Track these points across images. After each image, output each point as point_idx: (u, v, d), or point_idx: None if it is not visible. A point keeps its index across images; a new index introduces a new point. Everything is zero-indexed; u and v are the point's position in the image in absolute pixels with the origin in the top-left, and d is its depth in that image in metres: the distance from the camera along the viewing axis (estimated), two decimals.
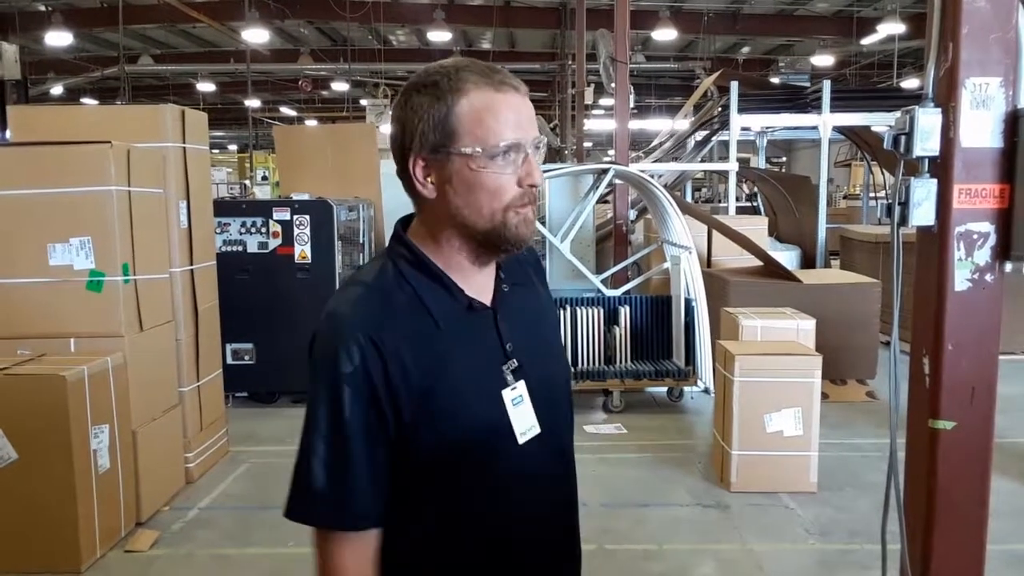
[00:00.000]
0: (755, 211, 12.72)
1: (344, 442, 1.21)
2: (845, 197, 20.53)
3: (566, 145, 19.43)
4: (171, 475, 4.92)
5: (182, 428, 5.06)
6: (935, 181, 2.11)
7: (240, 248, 6.69)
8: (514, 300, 1.35)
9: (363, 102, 24.11)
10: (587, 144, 18.76)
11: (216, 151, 34.00)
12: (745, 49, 24.06)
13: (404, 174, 1.30)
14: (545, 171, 9.25)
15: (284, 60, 22.15)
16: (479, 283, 1.32)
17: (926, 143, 2.10)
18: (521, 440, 1.28)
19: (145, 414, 4.57)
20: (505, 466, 1.28)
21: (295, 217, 6.69)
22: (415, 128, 1.24)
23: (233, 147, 35.97)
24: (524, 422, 1.29)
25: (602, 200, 9.44)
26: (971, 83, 2.05)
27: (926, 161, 2.13)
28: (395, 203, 9.24)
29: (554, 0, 18.71)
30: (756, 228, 8.65)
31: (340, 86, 23.73)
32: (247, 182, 22.66)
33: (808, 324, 5.71)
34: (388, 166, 9.59)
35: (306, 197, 6.91)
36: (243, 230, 6.70)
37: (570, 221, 7.42)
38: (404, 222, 1.36)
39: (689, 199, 15.43)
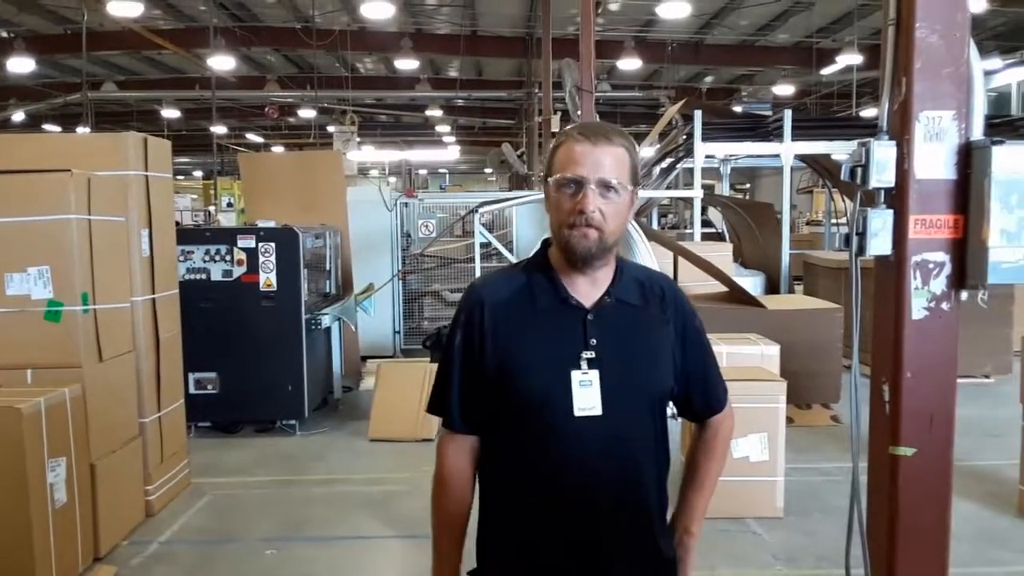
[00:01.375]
0: (720, 237, 12.87)
1: (449, 366, 1.76)
2: (808, 223, 20.86)
3: (533, 172, 19.57)
4: (131, 508, 4.82)
5: (142, 460, 4.96)
6: (891, 212, 2.16)
7: (204, 276, 6.62)
8: (616, 312, 1.72)
9: (330, 129, 24.10)
10: None
11: (181, 177, 33.70)
12: (708, 78, 24.47)
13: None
14: (511, 198, 9.32)
15: (250, 87, 22.09)
16: (584, 290, 1.72)
17: (882, 175, 2.15)
18: (577, 412, 1.65)
19: (104, 446, 4.48)
20: (557, 428, 1.66)
21: (260, 245, 6.64)
22: (547, 164, 1.75)
23: (198, 173, 35.70)
24: (586, 401, 1.65)
25: None
26: (925, 116, 2.10)
27: (882, 192, 2.18)
28: (363, 230, 9.25)
29: (520, 30, 18.91)
30: (721, 254, 8.75)
31: (307, 113, 23.73)
32: (212, 209, 22.46)
33: (772, 350, 5.76)
34: (355, 193, 9.64)
35: (272, 224, 6.86)
36: (207, 258, 6.63)
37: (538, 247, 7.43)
38: (547, 241, 1.80)
39: (655, 226, 15.58)
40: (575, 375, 1.66)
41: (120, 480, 4.65)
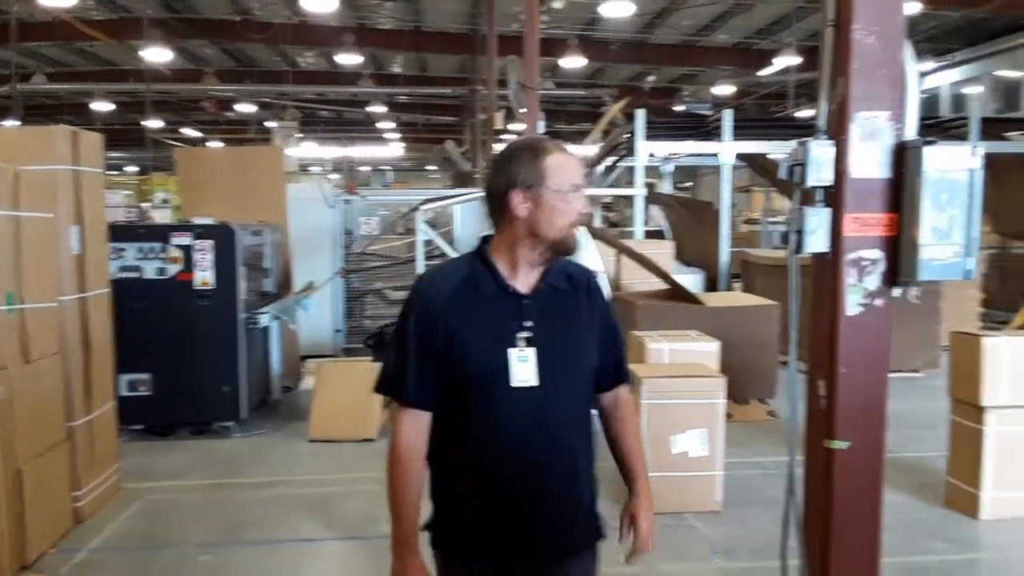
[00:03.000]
0: (661, 235, 13.01)
1: (404, 349, 1.96)
2: (746, 221, 21.23)
3: (476, 169, 19.53)
4: (59, 515, 4.64)
5: (71, 465, 4.79)
6: (829, 210, 2.19)
7: (137, 275, 6.43)
8: (548, 298, 1.98)
9: (270, 124, 23.69)
10: None
11: (113, 173, 32.75)
12: (651, 78, 24.71)
13: (503, 202, 1.94)
14: (454, 196, 9.28)
15: (186, 80, 21.56)
16: (524, 279, 1.97)
17: (819, 173, 2.18)
18: (515, 384, 1.91)
19: (30, 450, 4.30)
20: (498, 398, 1.91)
21: (196, 242, 6.48)
22: (518, 172, 1.92)
23: (132, 169, 34.71)
24: (523, 374, 1.91)
25: None
26: (861, 116, 2.14)
27: (820, 191, 2.21)
28: (303, 228, 9.10)
29: (465, 26, 18.83)
30: (662, 252, 8.85)
31: (246, 108, 23.27)
32: (146, 205, 21.87)
33: (712, 346, 5.84)
34: (296, 190, 9.48)
35: (208, 221, 6.70)
36: (140, 256, 6.44)
37: None
38: (485, 238, 2.03)
39: (598, 224, 15.67)
40: (513, 352, 1.91)
41: (48, 485, 4.48)
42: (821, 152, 2.17)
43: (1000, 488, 4.68)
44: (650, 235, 12.06)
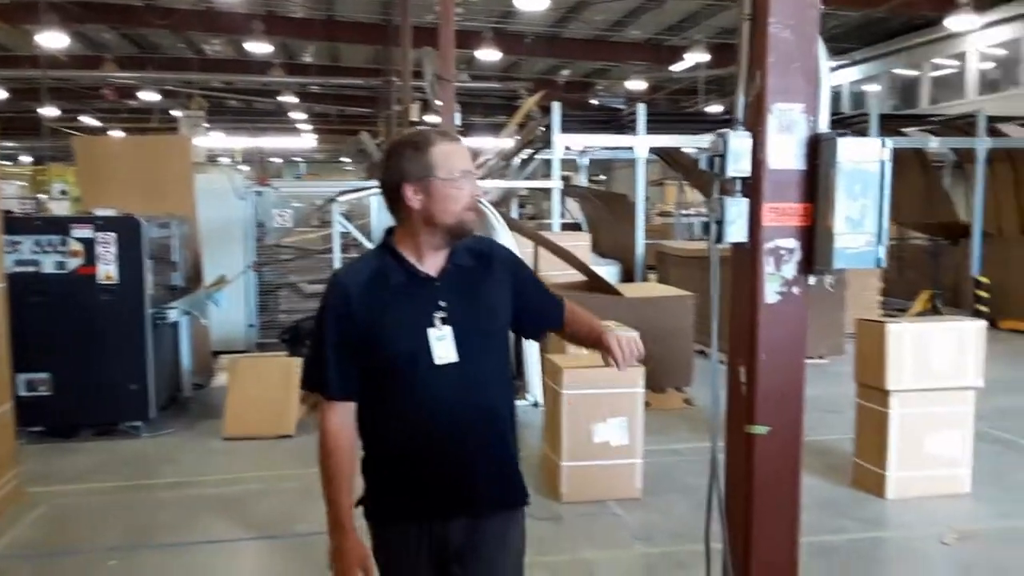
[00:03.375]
0: (578, 227, 13.14)
1: (323, 344, 2.05)
2: (659, 214, 21.64)
3: None
4: None
5: None
6: (747, 200, 2.23)
7: (34, 269, 6.11)
8: (457, 277, 2.08)
9: (176, 113, 22.86)
10: None
11: (7, 163, 31.10)
12: (565, 71, 24.90)
13: (397, 196, 2.04)
14: (370, 187, 9.13)
15: (85, 66, 20.60)
16: (432, 263, 2.07)
17: (738, 164, 2.22)
18: (437, 362, 2.02)
19: None
20: (423, 376, 2.01)
21: (99, 235, 6.20)
22: (405, 167, 2.03)
23: (27, 159, 33.02)
24: (444, 352, 2.02)
25: None
26: (777, 108, 2.19)
27: (738, 181, 2.25)
28: (213, 220, 8.82)
29: (378, 16, 18.57)
30: (579, 244, 8.92)
31: (149, 96, 22.40)
32: (42, 197, 20.84)
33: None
34: (204, 181, 9.17)
35: (111, 213, 6.41)
36: (38, 249, 6.12)
37: None
38: (389, 230, 2.13)
39: (515, 216, 15.71)
40: (431, 332, 2.02)
41: None
42: (739, 143, 2.21)
43: (904, 468, 4.90)
44: (567, 227, 12.16)
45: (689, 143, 11.27)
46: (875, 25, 18.39)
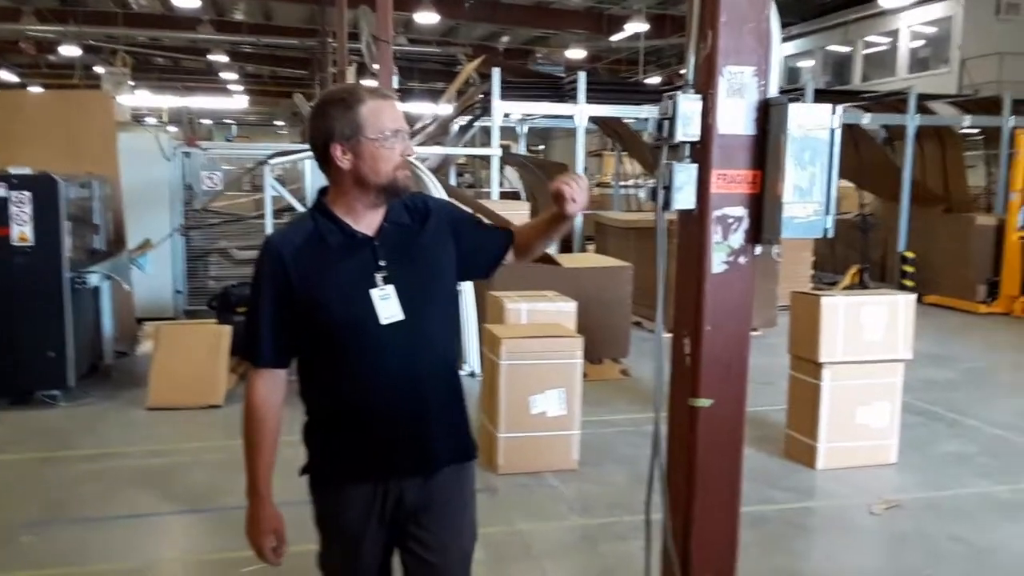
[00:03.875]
0: (517, 196, 13.04)
1: (257, 311, 1.99)
2: (598, 185, 21.68)
3: None
4: None
5: None
6: (696, 166, 2.16)
7: None
8: (395, 234, 2.04)
9: (99, 70, 21.89)
10: None
11: None
12: (505, 38, 24.63)
13: (326, 156, 1.99)
14: (303, 151, 8.86)
15: (3, 19, 19.53)
16: (368, 222, 2.03)
17: (687, 128, 2.14)
18: (383, 321, 1.98)
19: None
20: (371, 336, 1.98)
21: (12, 194, 5.86)
22: (332, 126, 1.96)
23: None
24: (389, 311, 1.99)
25: None
26: (728, 71, 2.11)
27: (687, 146, 2.17)
28: (138, 182, 8.45)
29: None
30: (519, 213, 8.81)
31: (70, 51, 21.37)
32: None
33: (569, 306, 5.88)
34: (129, 141, 8.77)
35: (27, 171, 6.06)
36: None
37: None
38: (323, 190, 2.08)
39: (453, 183, 15.53)
40: (375, 292, 1.98)
41: None
42: (689, 106, 2.13)
43: (834, 439, 4.98)
44: (506, 196, 12.05)
45: (629, 113, 11.24)
46: (809, 2, 18.61)
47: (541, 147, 27.31)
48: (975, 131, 13.14)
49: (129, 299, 7.72)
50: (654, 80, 22.49)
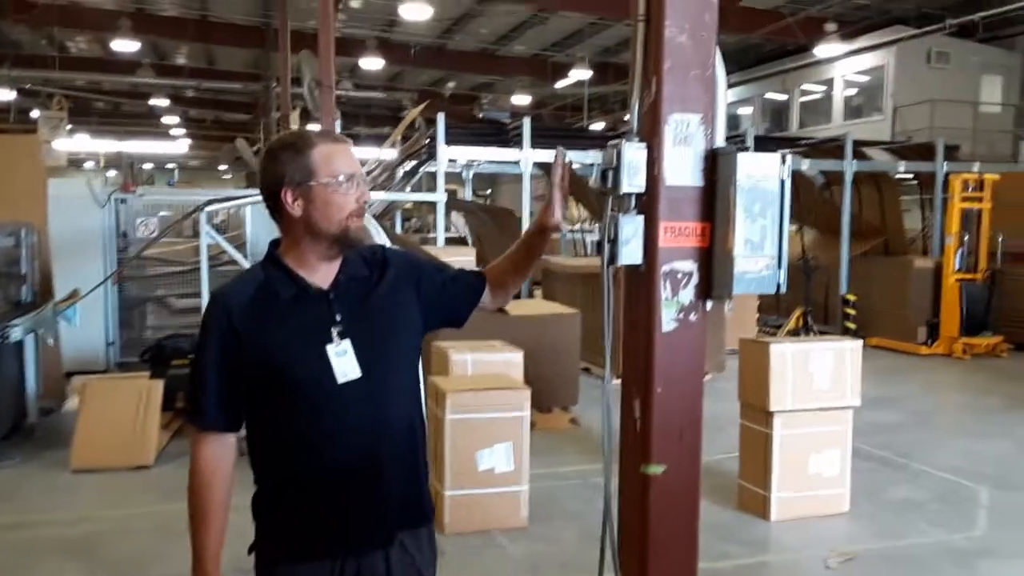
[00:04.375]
0: (463, 241, 12.95)
1: (203, 372, 1.88)
2: None
3: None
4: None
5: None
6: (642, 218, 2.06)
7: None
8: (351, 287, 1.93)
9: (34, 114, 21.33)
10: None
11: None
12: (451, 84, 24.75)
13: (276, 203, 1.88)
14: (243, 196, 8.65)
15: None
16: (322, 275, 1.91)
17: (633, 179, 2.04)
18: (340, 380, 1.85)
19: None
20: (326, 396, 1.85)
21: None
22: (283, 171, 1.86)
23: None
24: (344, 368, 1.86)
25: None
26: (674, 119, 2.02)
27: (633, 197, 2.07)
28: (68, 229, 8.13)
29: (256, 19, 17.89)
30: (465, 259, 8.70)
31: (3, 94, 20.79)
32: None
33: (516, 356, 5.74)
34: (59, 187, 8.46)
35: None
36: None
37: None
38: (275, 242, 1.96)
39: (399, 229, 15.38)
40: (330, 349, 1.86)
41: None
42: (634, 155, 2.04)
43: (787, 489, 4.89)
44: (452, 241, 11.95)
45: (574, 159, 11.27)
46: (749, 50, 19.10)
47: (488, 192, 27.38)
48: (910, 176, 13.49)
49: (56, 353, 7.35)
50: (599, 126, 22.77)
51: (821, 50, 15.89)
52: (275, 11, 15.46)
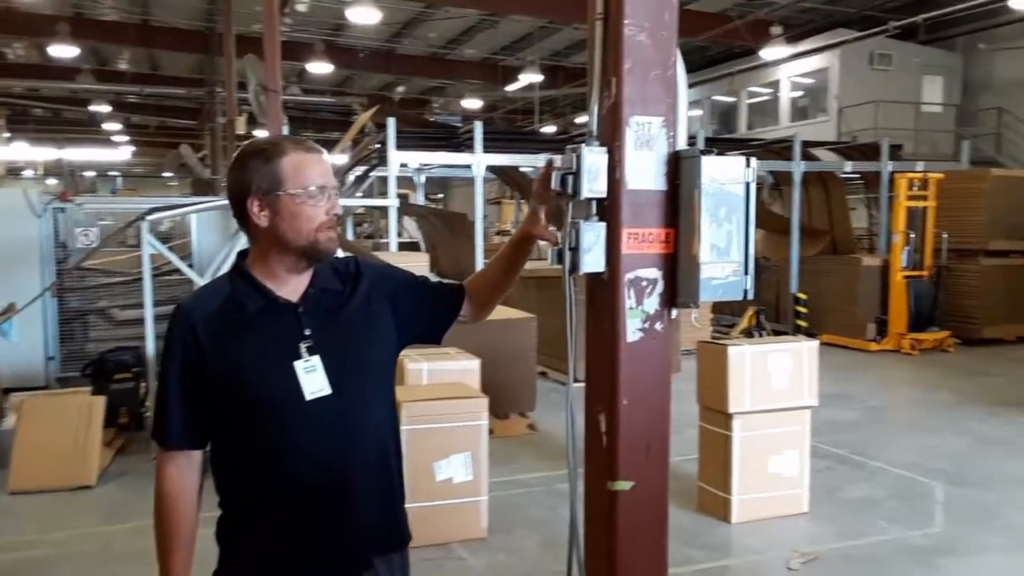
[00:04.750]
0: (416, 246, 12.81)
1: (166, 389, 1.81)
2: (498, 233, 21.65)
3: (218, 177, 18.23)
4: None
5: None
6: (604, 225, 1.98)
7: None
8: (322, 300, 1.85)
9: None
10: None
11: None
12: (400, 88, 24.57)
13: (242, 212, 1.81)
14: (188, 204, 8.42)
15: None
16: (292, 287, 1.84)
17: (594, 184, 1.96)
18: (308, 397, 1.78)
19: None
20: (294, 414, 1.77)
21: None
22: (251, 180, 1.79)
23: None
24: (314, 385, 1.79)
25: None
26: (635, 121, 1.95)
27: (594, 203, 1.99)
28: (3, 239, 7.84)
29: (199, 23, 17.53)
30: (418, 264, 8.57)
31: None
32: None
33: (472, 364, 5.64)
34: None
35: None
36: None
37: (220, 258, 6.73)
38: (243, 253, 1.89)
39: (350, 235, 15.16)
40: (298, 364, 1.79)
41: None
42: (594, 160, 1.96)
43: (747, 491, 4.87)
44: (405, 247, 11.81)
45: (526, 162, 11.22)
46: (697, 53, 19.26)
47: (440, 196, 27.22)
48: (856, 176, 13.72)
49: None
50: (550, 129, 22.77)
51: (767, 53, 16.10)
52: (219, 15, 15.15)
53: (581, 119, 22.83)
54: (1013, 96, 16.03)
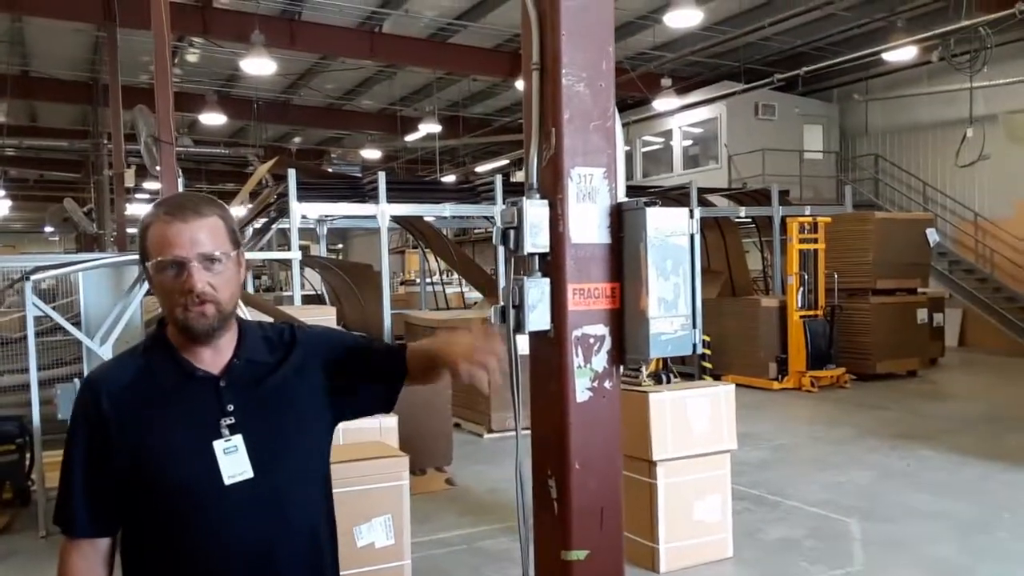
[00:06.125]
0: (320, 299, 12.49)
1: (70, 470, 1.67)
2: (402, 283, 21.42)
3: (105, 232, 17.39)
4: None
5: None
6: (548, 280, 1.90)
7: None
8: (248, 373, 1.70)
9: None
10: (132, 231, 16.90)
11: None
12: (297, 139, 24.23)
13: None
14: (76, 261, 7.94)
15: None
16: (209, 360, 1.69)
17: (536, 238, 1.90)
18: (228, 481, 1.62)
19: None
20: (212, 500, 1.61)
21: None
22: (140, 248, 1.68)
23: None
24: (235, 468, 1.63)
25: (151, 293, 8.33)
26: (576, 173, 1.90)
27: (537, 258, 1.91)
28: None
29: (83, 74, 16.85)
30: (325, 317, 8.32)
31: None
32: None
33: (391, 421, 5.43)
34: None
35: None
36: None
37: (112, 319, 6.34)
38: (162, 319, 1.72)
39: (250, 289, 14.68)
40: (218, 445, 1.64)
41: None
42: (537, 213, 1.89)
43: (674, 539, 4.82)
44: (308, 300, 11.49)
45: (430, 212, 11.14)
46: None
47: (339, 246, 26.82)
48: (748, 220, 14.25)
49: None
50: (451, 178, 22.83)
51: (659, 103, 16.65)
52: (103, 66, 14.60)
53: (481, 167, 23.00)
54: (887, 143, 17.08)
